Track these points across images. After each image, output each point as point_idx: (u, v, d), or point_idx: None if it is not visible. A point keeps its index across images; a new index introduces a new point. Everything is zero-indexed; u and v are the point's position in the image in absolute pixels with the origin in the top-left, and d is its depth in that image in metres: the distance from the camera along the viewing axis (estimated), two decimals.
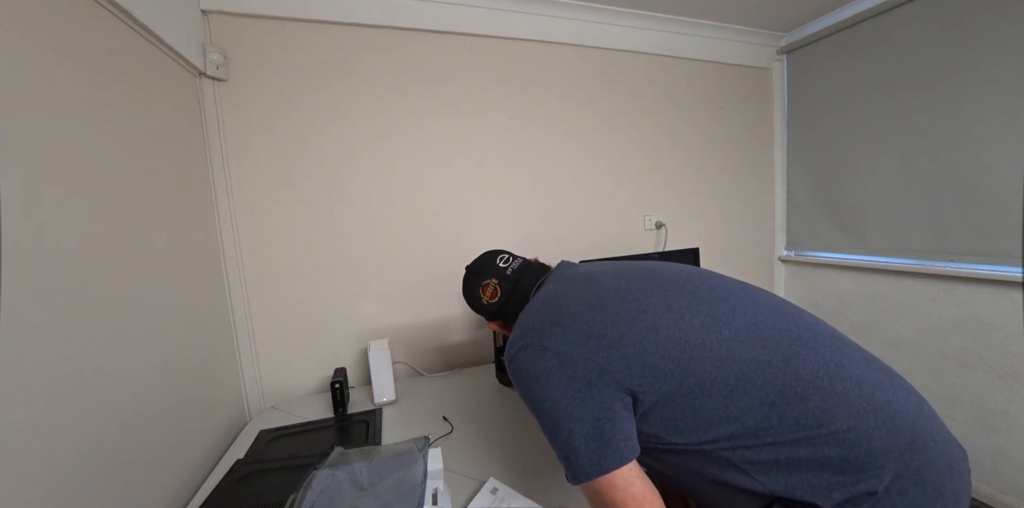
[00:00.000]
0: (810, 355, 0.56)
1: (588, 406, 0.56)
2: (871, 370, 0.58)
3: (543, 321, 0.64)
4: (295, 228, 1.36)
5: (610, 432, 0.55)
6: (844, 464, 0.51)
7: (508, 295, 0.80)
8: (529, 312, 0.70)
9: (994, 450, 1.51)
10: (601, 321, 0.60)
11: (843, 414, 0.52)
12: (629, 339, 0.58)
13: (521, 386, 0.62)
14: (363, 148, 1.42)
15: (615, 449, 0.55)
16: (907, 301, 1.71)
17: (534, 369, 0.60)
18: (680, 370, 0.56)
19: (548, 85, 1.65)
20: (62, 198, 0.67)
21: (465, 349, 1.61)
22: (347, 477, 0.81)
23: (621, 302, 0.62)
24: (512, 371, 0.64)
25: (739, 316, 0.60)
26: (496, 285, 0.80)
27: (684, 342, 0.57)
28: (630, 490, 0.53)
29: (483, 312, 0.85)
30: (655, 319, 0.60)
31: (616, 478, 0.54)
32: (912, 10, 1.58)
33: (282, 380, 1.37)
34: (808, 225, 2.07)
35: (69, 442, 0.63)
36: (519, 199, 1.64)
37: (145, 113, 0.93)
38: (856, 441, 0.51)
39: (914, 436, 0.52)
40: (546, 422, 0.59)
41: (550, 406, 0.58)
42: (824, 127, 1.94)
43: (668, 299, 0.62)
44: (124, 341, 0.78)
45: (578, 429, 0.55)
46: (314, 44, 1.34)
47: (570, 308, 0.64)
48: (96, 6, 0.80)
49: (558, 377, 0.58)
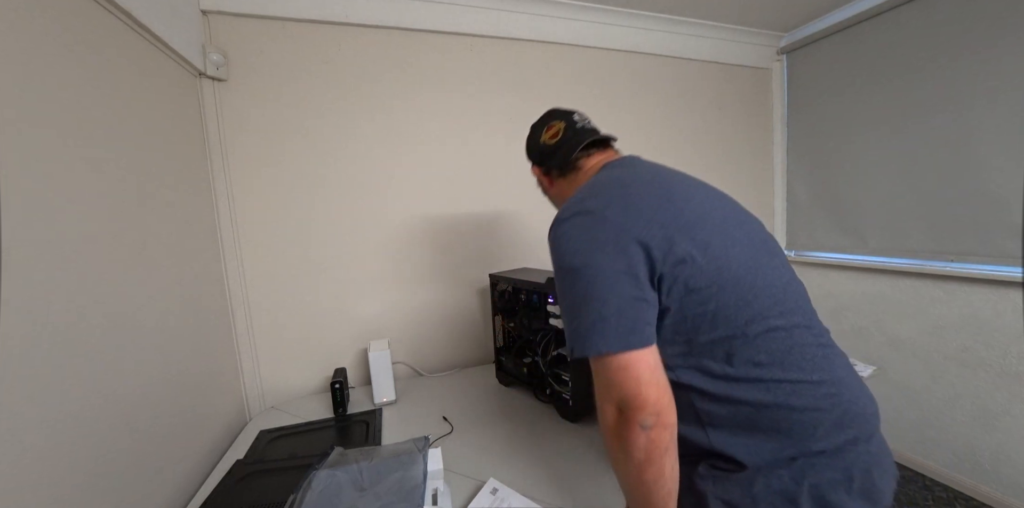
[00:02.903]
0: (813, 322, 0.63)
1: (630, 284, 0.56)
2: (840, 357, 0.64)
3: (608, 194, 0.64)
4: (295, 228, 1.36)
5: (642, 313, 0.55)
6: (794, 425, 0.55)
7: (565, 142, 0.80)
8: (594, 184, 0.68)
9: (994, 450, 1.51)
10: (665, 211, 0.60)
11: (825, 367, 0.58)
12: (686, 235, 0.58)
13: (565, 249, 0.60)
14: (363, 148, 1.42)
15: (642, 331, 0.54)
16: (907, 301, 1.71)
17: (586, 235, 0.59)
18: (717, 279, 0.57)
19: (548, 85, 1.65)
20: (62, 198, 0.67)
21: (465, 349, 1.61)
22: (347, 477, 0.81)
23: (686, 203, 0.63)
24: (559, 234, 0.62)
25: (773, 267, 0.63)
26: (561, 129, 0.81)
27: (729, 259, 0.59)
28: (647, 369, 0.53)
29: (534, 151, 0.86)
30: (711, 233, 0.60)
31: (638, 355, 0.53)
32: (912, 10, 1.59)
33: (282, 380, 1.37)
34: (808, 225, 2.07)
35: (69, 442, 0.63)
36: (520, 200, 1.64)
37: (145, 113, 0.93)
38: (820, 397, 0.56)
39: (868, 431, 0.58)
40: (580, 289, 0.57)
41: (592, 273, 0.56)
42: (824, 127, 1.94)
43: (727, 223, 0.63)
44: (124, 342, 0.78)
45: (615, 302, 0.54)
46: (314, 44, 1.34)
47: (638, 190, 0.64)
48: (96, 6, 0.80)
49: (611, 248, 0.57)
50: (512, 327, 1.32)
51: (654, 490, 0.54)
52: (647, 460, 0.52)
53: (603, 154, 0.81)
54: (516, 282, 1.25)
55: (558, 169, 0.81)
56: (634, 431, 0.51)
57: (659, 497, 0.54)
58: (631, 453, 0.52)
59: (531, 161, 0.88)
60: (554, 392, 1.15)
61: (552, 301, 1.12)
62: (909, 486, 1.65)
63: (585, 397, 1.06)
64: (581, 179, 0.78)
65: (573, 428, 1.07)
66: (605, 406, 0.54)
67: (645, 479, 0.53)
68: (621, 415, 0.52)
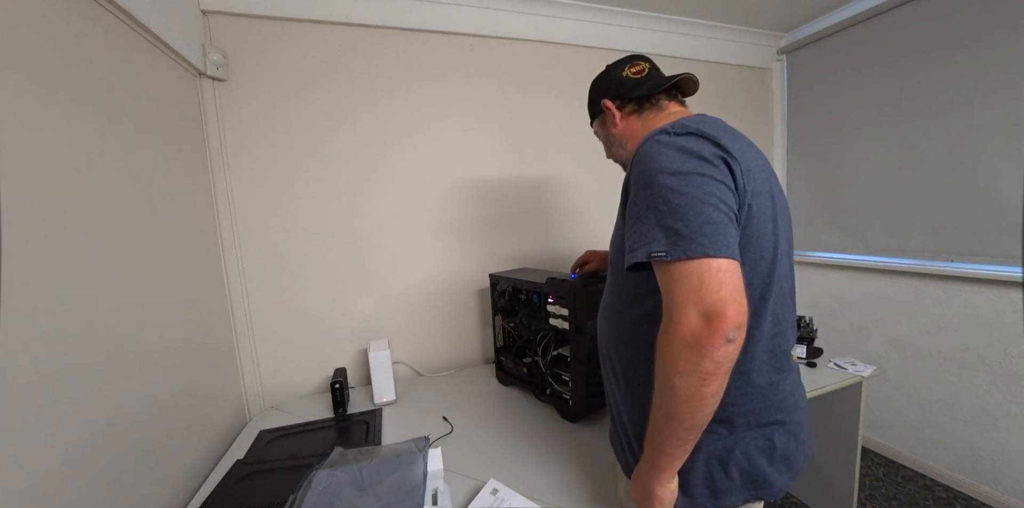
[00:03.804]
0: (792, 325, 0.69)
1: (735, 202, 0.56)
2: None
3: (719, 127, 0.63)
4: (295, 228, 1.36)
5: (738, 235, 0.56)
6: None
7: (651, 78, 0.81)
8: (697, 119, 0.66)
9: (994, 450, 1.51)
10: (761, 168, 0.62)
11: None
12: (766, 206, 0.61)
13: (674, 157, 0.57)
14: (363, 148, 1.42)
15: (735, 246, 0.53)
16: (907, 301, 1.71)
17: (700, 150, 0.57)
18: (758, 256, 0.60)
19: (548, 85, 1.65)
20: (62, 198, 0.67)
21: (465, 349, 1.61)
22: (347, 477, 0.81)
23: (773, 177, 0.66)
24: (662, 146, 0.58)
25: (790, 266, 0.68)
26: (647, 67, 0.82)
27: (775, 241, 0.62)
28: (741, 281, 0.52)
29: (610, 85, 0.83)
30: (777, 210, 0.63)
31: (737, 265, 0.52)
32: (912, 10, 1.59)
33: (282, 380, 1.37)
34: (808, 225, 2.07)
35: (69, 442, 0.63)
36: (520, 200, 1.64)
37: (145, 113, 0.93)
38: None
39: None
40: (688, 192, 0.53)
41: (704, 182, 0.54)
42: (824, 127, 1.94)
43: (785, 213, 0.66)
44: (123, 342, 0.78)
45: (725, 211, 0.54)
46: (314, 44, 1.34)
47: (744, 139, 0.65)
48: (96, 6, 0.80)
49: (723, 169, 0.56)
50: (512, 327, 1.32)
51: (707, 405, 0.52)
52: (714, 373, 0.50)
53: (682, 108, 0.81)
54: (516, 282, 1.25)
55: (636, 103, 0.80)
56: (716, 341, 0.49)
57: (704, 415, 0.53)
58: (700, 364, 0.50)
59: (602, 96, 0.85)
60: (554, 392, 1.15)
61: (552, 301, 1.12)
62: (909, 486, 1.65)
63: (585, 397, 1.06)
64: (658, 120, 0.77)
65: (573, 428, 1.07)
66: (687, 311, 0.51)
67: (704, 393, 0.51)
68: (708, 323, 0.49)
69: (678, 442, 0.56)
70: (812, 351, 1.38)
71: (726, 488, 0.62)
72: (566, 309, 1.06)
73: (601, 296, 0.79)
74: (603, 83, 0.86)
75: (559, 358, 1.16)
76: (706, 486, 0.63)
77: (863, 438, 1.69)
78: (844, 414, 1.37)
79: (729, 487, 0.62)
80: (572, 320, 1.04)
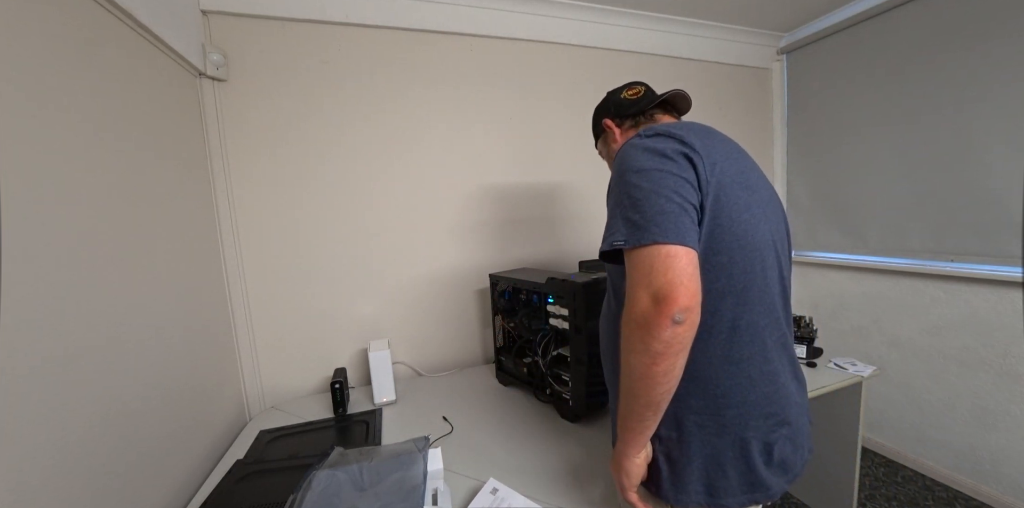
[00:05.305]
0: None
1: (692, 194, 0.59)
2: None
3: (690, 127, 0.68)
4: (295, 228, 1.36)
5: (694, 221, 0.59)
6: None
7: (645, 96, 0.87)
8: (676, 124, 0.71)
9: (994, 450, 1.51)
10: (733, 162, 0.65)
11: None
12: (740, 196, 0.63)
13: (639, 157, 0.62)
14: (363, 147, 1.42)
15: (694, 234, 0.57)
16: (907, 301, 1.71)
17: (663, 148, 0.62)
18: (735, 244, 0.62)
19: (548, 85, 1.65)
20: (62, 198, 0.67)
21: (465, 349, 1.61)
22: (347, 477, 0.81)
23: (751, 171, 0.68)
24: (632, 148, 0.64)
25: (786, 268, 0.70)
26: (643, 89, 0.88)
27: (753, 230, 0.63)
28: (690, 265, 0.55)
29: (610, 106, 0.90)
30: (754, 203, 0.65)
31: (687, 251, 0.55)
32: (912, 10, 1.59)
33: (282, 380, 1.37)
34: (808, 225, 2.07)
35: (69, 442, 0.63)
36: (520, 200, 1.64)
37: (145, 113, 0.93)
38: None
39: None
40: (646, 186, 0.59)
41: (661, 176, 0.59)
42: (824, 127, 1.94)
43: (766, 204, 0.68)
44: (123, 342, 0.78)
45: (677, 201, 0.57)
46: (314, 44, 1.34)
47: (719, 137, 0.69)
48: (96, 6, 0.80)
49: (683, 164, 0.60)
50: (512, 327, 1.32)
51: (659, 383, 0.56)
52: (663, 353, 0.54)
53: (675, 105, 0.88)
54: (516, 282, 1.25)
55: (632, 119, 0.87)
56: (663, 323, 0.52)
57: (658, 393, 0.57)
58: (650, 344, 0.54)
59: (604, 117, 0.92)
60: (554, 392, 1.15)
61: (551, 301, 1.12)
62: (909, 486, 1.65)
63: (585, 397, 1.06)
64: None
65: (573, 428, 1.07)
66: (639, 293, 0.55)
67: (655, 371, 0.55)
68: (655, 305, 0.53)
69: (638, 418, 0.60)
70: (812, 351, 1.38)
71: (723, 487, 0.63)
72: (566, 309, 1.06)
73: (601, 296, 0.81)
74: (604, 106, 0.93)
75: (559, 358, 1.16)
76: (702, 483, 0.64)
77: (863, 438, 1.69)
78: (844, 414, 1.37)
79: (726, 487, 0.63)
80: (572, 320, 1.04)
